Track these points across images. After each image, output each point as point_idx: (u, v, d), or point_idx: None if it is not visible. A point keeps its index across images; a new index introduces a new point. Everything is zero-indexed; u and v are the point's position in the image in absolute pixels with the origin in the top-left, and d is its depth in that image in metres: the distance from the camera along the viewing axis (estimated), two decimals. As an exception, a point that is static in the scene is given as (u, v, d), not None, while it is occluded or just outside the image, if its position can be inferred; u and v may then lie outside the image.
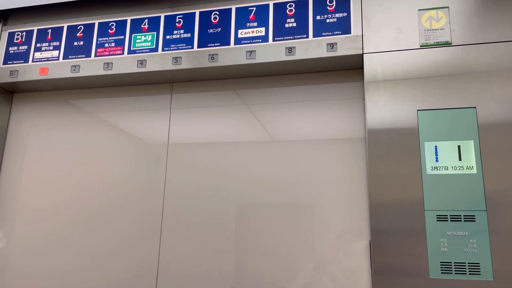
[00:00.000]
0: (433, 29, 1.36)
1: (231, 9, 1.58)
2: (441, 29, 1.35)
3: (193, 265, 1.53)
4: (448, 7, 1.36)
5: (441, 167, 1.26)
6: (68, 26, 1.76)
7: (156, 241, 1.59)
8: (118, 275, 1.60)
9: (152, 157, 1.67)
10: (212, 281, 1.50)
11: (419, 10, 1.39)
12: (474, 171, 1.24)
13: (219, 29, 1.57)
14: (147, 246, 1.59)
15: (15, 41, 1.81)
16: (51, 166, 1.78)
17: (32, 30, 1.80)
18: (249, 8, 1.56)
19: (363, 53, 1.40)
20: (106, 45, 1.68)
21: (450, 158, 1.26)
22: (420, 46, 1.36)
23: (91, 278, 1.62)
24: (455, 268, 1.19)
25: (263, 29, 1.52)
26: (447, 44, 1.34)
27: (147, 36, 1.64)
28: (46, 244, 1.70)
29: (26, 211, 1.76)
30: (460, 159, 1.25)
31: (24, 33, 1.81)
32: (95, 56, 1.68)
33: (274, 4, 1.53)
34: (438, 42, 1.34)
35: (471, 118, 1.27)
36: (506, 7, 1.31)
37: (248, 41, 1.52)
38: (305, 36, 1.47)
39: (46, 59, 1.74)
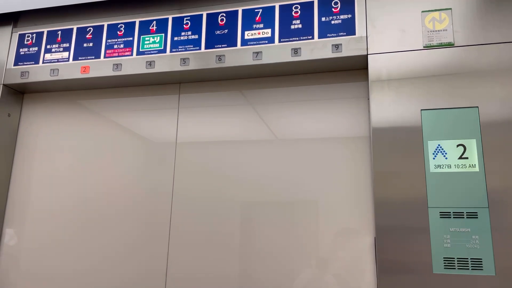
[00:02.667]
0: (436, 30, 1.38)
1: (237, 11, 1.61)
2: (444, 30, 1.38)
3: (201, 265, 1.56)
4: (451, 8, 1.39)
5: (444, 165, 1.29)
6: (77, 28, 1.79)
7: (165, 241, 1.62)
8: (127, 277, 1.63)
9: (161, 156, 1.70)
10: (220, 280, 1.53)
11: (422, 11, 1.42)
12: (477, 169, 1.26)
13: (226, 30, 1.60)
14: (155, 246, 1.63)
15: (25, 42, 1.85)
16: (60, 166, 1.81)
17: (42, 32, 1.84)
18: (256, 10, 1.59)
19: (367, 54, 1.43)
20: (115, 46, 1.72)
21: (453, 157, 1.29)
22: (424, 47, 1.39)
23: (99, 280, 1.66)
24: (458, 263, 1.22)
25: (269, 30, 1.55)
26: (450, 45, 1.36)
27: (156, 38, 1.68)
28: (55, 244, 1.74)
29: (35, 211, 1.80)
30: (463, 158, 1.28)
31: (34, 34, 1.85)
32: (105, 57, 1.72)
33: (280, 6, 1.56)
34: (441, 43, 1.37)
35: (473, 117, 1.30)
36: (508, 9, 1.33)
37: (254, 42, 1.56)
38: (310, 37, 1.50)
39: (56, 60, 1.78)
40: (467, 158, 1.28)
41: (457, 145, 1.29)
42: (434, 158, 1.30)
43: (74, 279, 1.68)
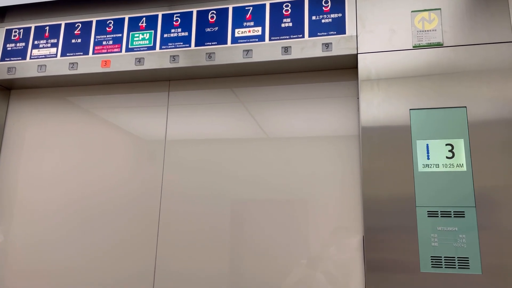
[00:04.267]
0: (425, 30, 1.39)
1: (228, 8, 1.60)
2: (433, 30, 1.39)
3: (190, 264, 1.56)
4: (440, 8, 1.40)
5: (432, 165, 1.30)
6: (65, 24, 1.77)
7: (153, 239, 1.61)
8: (115, 274, 1.62)
9: (150, 153, 1.69)
10: (209, 278, 1.53)
11: (412, 11, 1.42)
12: (464, 168, 1.27)
13: (216, 28, 1.59)
14: (144, 244, 1.62)
15: (12, 38, 1.82)
16: (48, 163, 1.79)
17: (30, 27, 1.81)
18: (246, 8, 1.58)
19: (357, 53, 1.43)
20: (104, 42, 1.70)
21: (441, 156, 1.30)
22: (413, 46, 1.39)
23: (87, 278, 1.64)
24: (445, 262, 1.23)
25: (259, 28, 1.55)
26: (439, 45, 1.37)
27: (145, 34, 1.66)
28: (42, 242, 1.72)
29: (23, 209, 1.77)
30: (450, 157, 1.29)
31: (22, 30, 1.82)
32: (93, 53, 1.70)
33: (271, 4, 1.56)
34: (430, 43, 1.38)
35: (461, 117, 1.31)
36: (496, 9, 1.35)
37: (245, 40, 1.55)
38: (301, 36, 1.50)
39: (43, 56, 1.75)
40: (454, 157, 1.29)
41: (445, 145, 1.30)
42: (422, 158, 1.31)
43: (62, 277, 1.67)
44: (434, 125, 1.32)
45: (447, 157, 1.29)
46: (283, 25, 1.53)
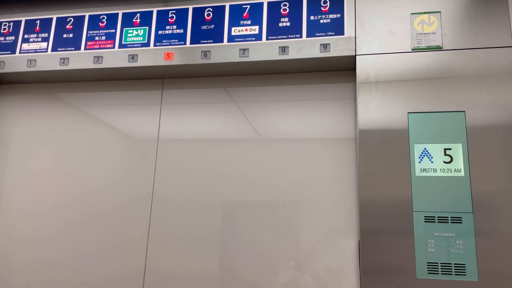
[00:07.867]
0: (424, 33, 1.38)
1: (224, 6, 1.57)
2: (432, 33, 1.37)
3: (181, 264, 1.52)
4: (440, 11, 1.39)
5: (430, 169, 1.28)
6: (57, 18, 1.72)
7: (144, 238, 1.57)
8: (104, 275, 1.58)
9: (142, 153, 1.65)
10: (201, 278, 1.49)
11: (411, 13, 1.41)
12: (462, 173, 1.26)
13: (213, 26, 1.56)
14: (134, 244, 1.58)
15: (1, 31, 1.77)
16: (36, 161, 1.74)
17: (20, 21, 1.76)
18: (243, 6, 1.55)
19: (355, 55, 1.41)
20: (97, 38, 1.66)
21: (438, 161, 1.28)
22: (412, 49, 1.37)
23: (75, 278, 1.60)
24: (441, 268, 1.21)
25: (256, 27, 1.52)
26: (438, 48, 1.36)
27: (139, 31, 1.62)
28: (30, 242, 1.67)
29: (9, 207, 1.72)
30: (448, 162, 1.28)
31: (12, 23, 1.77)
32: (85, 49, 1.65)
33: (268, 3, 1.53)
34: (429, 46, 1.36)
35: (460, 121, 1.29)
36: (497, 13, 1.33)
37: (241, 39, 1.52)
38: (298, 36, 1.48)
39: (34, 50, 1.70)
40: (452, 162, 1.27)
41: (443, 149, 1.29)
42: (420, 162, 1.29)
43: (51, 277, 1.62)
44: (432, 129, 1.31)
45: (445, 162, 1.28)
46: (280, 24, 1.50)
